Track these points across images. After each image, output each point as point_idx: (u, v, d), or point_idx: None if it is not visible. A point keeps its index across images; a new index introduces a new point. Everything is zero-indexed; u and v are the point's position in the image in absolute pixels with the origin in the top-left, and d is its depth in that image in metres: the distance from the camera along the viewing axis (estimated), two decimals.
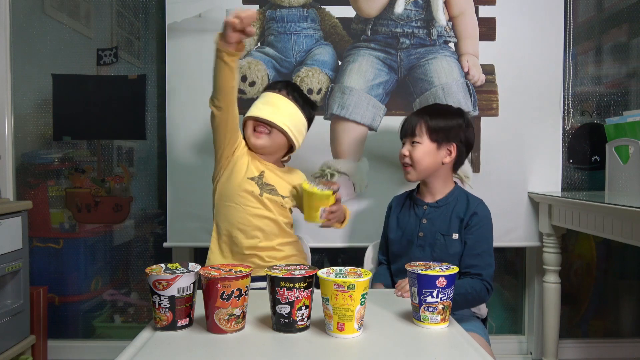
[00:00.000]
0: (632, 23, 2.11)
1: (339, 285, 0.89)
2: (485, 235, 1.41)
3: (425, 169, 1.42)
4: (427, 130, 1.41)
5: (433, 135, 1.41)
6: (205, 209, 1.90)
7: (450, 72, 1.90)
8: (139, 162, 2.14)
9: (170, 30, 1.91)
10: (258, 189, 1.43)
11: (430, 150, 1.41)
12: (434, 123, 1.41)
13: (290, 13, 1.90)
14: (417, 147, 1.41)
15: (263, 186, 1.44)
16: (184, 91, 1.91)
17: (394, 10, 1.90)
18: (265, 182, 1.45)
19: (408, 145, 1.43)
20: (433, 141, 1.41)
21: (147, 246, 2.18)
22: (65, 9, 2.09)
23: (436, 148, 1.41)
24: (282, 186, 1.47)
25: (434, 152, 1.41)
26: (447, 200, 1.45)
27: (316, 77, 1.89)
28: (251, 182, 1.42)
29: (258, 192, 1.43)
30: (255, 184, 1.43)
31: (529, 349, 2.19)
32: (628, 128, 1.84)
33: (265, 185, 1.44)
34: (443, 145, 1.42)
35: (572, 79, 2.04)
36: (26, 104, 2.10)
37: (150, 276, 0.91)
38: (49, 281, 2.10)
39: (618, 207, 1.43)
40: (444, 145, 1.42)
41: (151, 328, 0.95)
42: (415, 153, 1.41)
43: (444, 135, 1.41)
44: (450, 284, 0.96)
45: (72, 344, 2.14)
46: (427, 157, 1.41)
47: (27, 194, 2.11)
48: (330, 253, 2.13)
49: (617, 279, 2.24)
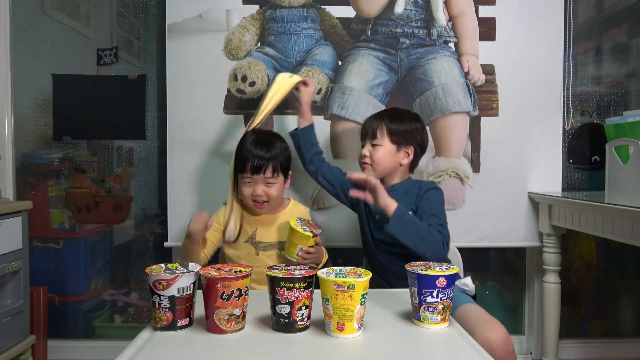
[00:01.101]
0: (632, 23, 2.11)
1: (339, 285, 0.89)
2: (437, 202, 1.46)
3: (384, 169, 1.50)
4: (387, 133, 1.49)
5: (393, 138, 1.49)
6: (206, 209, 1.90)
7: (450, 72, 1.90)
8: (139, 162, 2.14)
9: (170, 30, 1.91)
10: (253, 249, 1.48)
11: (390, 151, 1.50)
12: (395, 126, 1.50)
13: (290, 13, 1.90)
14: (378, 149, 1.49)
15: (257, 245, 1.48)
16: (184, 91, 1.91)
17: (394, 10, 1.90)
18: (259, 240, 1.48)
19: (369, 146, 1.51)
20: (393, 143, 1.49)
21: (147, 246, 2.18)
22: (65, 9, 2.09)
23: (396, 150, 1.50)
24: (279, 234, 1.49)
25: (394, 154, 1.50)
26: (402, 185, 1.52)
27: (316, 77, 1.89)
28: (246, 244, 1.48)
29: (254, 252, 1.48)
30: (250, 245, 1.48)
31: (529, 349, 2.19)
32: (628, 128, 1.83)
33: (258, 244, 1.48)
34: (402, 148, 1.50)
35: (572, 79, 2.04)
36: (26, 104, 2.10)
37: (150, 276, 0.91)
38: (49, 281, 2.10)
39: (618, 207, 1.43)
40: (402, 147, 1.50)
41: (151, 328, 0.95)
42: (375, 154, 1.49)
43: (403, 138, 1.49)
44: (450, 284, 0.96)
45: (72, 344, 2.14)
46: (387, 158, 1.49)
47: (27, 194, 2.11)
48: (330, 253, 2.13)
49: (617, 279, 2.24)
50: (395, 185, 1.52)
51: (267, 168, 1.42)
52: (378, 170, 1.50)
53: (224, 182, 1.87)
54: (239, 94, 1.90)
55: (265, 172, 1.42)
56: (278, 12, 1.90)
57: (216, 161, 1.91)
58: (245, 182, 1.44)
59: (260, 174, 1.42)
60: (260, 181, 1.43)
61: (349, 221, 1.91)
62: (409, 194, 1.48)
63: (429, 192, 1.47)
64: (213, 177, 1.91)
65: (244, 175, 1.43)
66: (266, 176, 1.43)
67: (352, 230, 1.91)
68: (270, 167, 1.42)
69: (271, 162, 1.43)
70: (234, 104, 1.90)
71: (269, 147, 1.44)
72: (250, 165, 1.41)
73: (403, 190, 1.50)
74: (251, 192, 1.44)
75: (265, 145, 1.44)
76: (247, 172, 1.42)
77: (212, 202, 1.89)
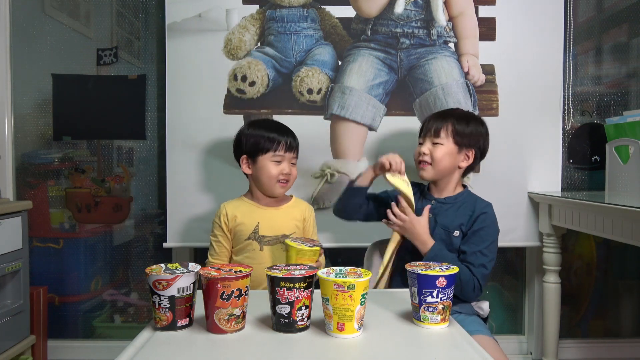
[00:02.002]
0: (632, 23, 2.11)
1: (339, 285, 0.89)
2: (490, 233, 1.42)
3: (442, 169, 1.46)
4: (452, 133, 1.45)
5: (457, 139, 1.45)
6: (205, 209, 1.91)
7: (450, 72, 1.90)
8: (139, 162, 2.14)
9: (170, 30, 1.91)
10: (258, 245, 1.47)
11: (451, 151, 1.45)
12: (461, 127, 1.45)
13: (290, 13, 1.90)
14: (439, 147, 1.45)
15: (260, 240, 1.47)
16: (184, 91, 1.91)
17: (394, 10, 1.90)
18: (262, 235, 1.47)
19: (429, 144, 1.47)
20: (456, 144, 1.45)
21: (147, 246, 2.18)
22: (65, 9, 2.09)
23: (457, 151, 1.46)
24: (282, 226, 1.49)
25: (454, 155, 1.46)
26: (456, 199, 1.48)
27: (316, 77, 1.89)
28: (249, 240, 1.47)
29: (258, 247, 1.47)
30: (254, 240, 1.47)
31: (529, 349, 2.19)
32: (628, 128, 1.83)
33: (262, 239, 1.47)
34: (463, 150, 1.46)
35: (572, 79, 2.04)
36: (26, 104, 2.10)
37: (150, 276, 0.91)
38: (49, 281, 2.10)
39: (618, 207, 1.43)
40: (464, 149, 1.46)
41: (151, 328, 0.95)
42: (436, 152, 1.45)
43: (467, 140, 1.46)
44: (451, 284, 0.96)
45: (72, 344, 2.14)
46: (447, 158, 1.45)
47: (27, 194, 2.11)
48: (331, 253, 2.13)
49: (617, 279, 2.24)
50: (447, 199, 1.48)
51: (297, 147, 1.49)
52: (436, 169, 1.46)
53: (223, 182, 1.89)
54: (239, 94, 1.90)
55: (295, 152, 1.49)
56: (278, 11, 1.90)
57: (216, 161, 1.91)
58: (275, 161, 1.46)
59: (292, 152, 1.47)
60: (288, 160, 1.47)
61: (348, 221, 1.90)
62: (461, 209, 1.45)
63: (485, 218, 1.41)
64: (213, 177, 1.90)
65: (275, 153, 1.45)
66: (294, 155, 1.49)
67: (352, 230, 1.91)
68: (298, 147, 1.50)
69: (297, 142, 1.49)
70: (233, 103, 1.90)
71: (289, 130, 1.50)
72: (284, 144, 1.45)
73: (456, 204, 1.47)
74: (279, 171, 1.45)
75: (285, 128, 1.50)
76: (279, 151, 1.45)
77: (212, 202, 1.90)
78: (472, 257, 1.37)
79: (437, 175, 1.47)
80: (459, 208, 1.45)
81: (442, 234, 1.43)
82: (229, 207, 1.51)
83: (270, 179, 1.46)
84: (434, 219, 1.46)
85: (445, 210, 1.46)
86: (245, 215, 1.49)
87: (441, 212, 1.46)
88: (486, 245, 1.39)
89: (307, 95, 1.89)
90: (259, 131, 1.48)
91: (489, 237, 1.40)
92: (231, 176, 1.85)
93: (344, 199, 1.59)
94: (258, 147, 1.46)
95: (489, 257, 1.38)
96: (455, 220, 1.43)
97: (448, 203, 1.47)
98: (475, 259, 1.37)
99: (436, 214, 1.46)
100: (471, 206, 1.45)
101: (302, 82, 1.88)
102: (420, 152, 1.48)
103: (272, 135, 1.46)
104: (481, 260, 1.37)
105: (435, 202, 1.49)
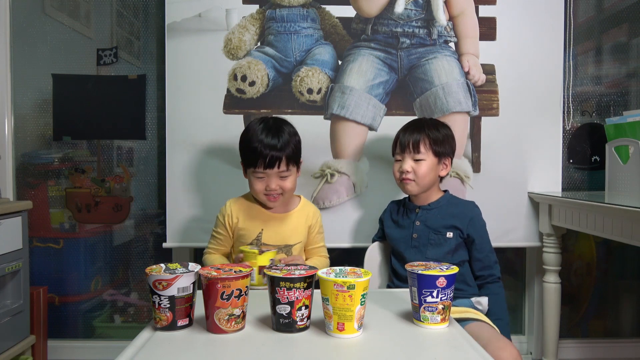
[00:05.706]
0: (632, 23, 2.11)
1: (339, 285, 0.89)
2: (484, 236, 1.52)
3: (427, 183, 1.49)
4: (430, 145, 1.46)
5: (435, 149, 1.47)
6: (205, 209, 1.91)
7: (450, 71, 1.90)
8: (139, 162, 2.14)
9: (170, 30, 1.91)
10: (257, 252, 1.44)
11: (433, 165, 1.48)
12: (434, 136, 1.48)
13: (290, 12, 1.90)
14: (422, 164, 1.46)
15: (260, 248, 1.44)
16: (184, 91, 1.91)
17: (394, 10, 1.90)
18: (264, 242, 1.44)
19: (410, 161, 1.47)
20: (435, 156, 1.48)
21: (147, 246, 2.18)
22: (65, 9, 2.09)
23: (437, 162, 1.49)
24: (286, 237, 1.45)
25: (435, 167, 1.49)
26: (439, 202, 1.52)
27: (316, 77, 1.89)
28: (250, 246, 1.41)
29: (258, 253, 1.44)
30: (255, 246, 1.42)
31: (529, 349, 2.19)
32: (628, 128, 1.83)
33: (263, 246, 1.43)
34: (442, 160, 1.50)
35: (572, 79, 2.04)
36: (26, 104, 2.10)
37: (150, 276, 0.91)
38: (49, 281, 2.10)
39: (618, 207, 1.43)
40: (442, 159, 1.50)
41: (151, 328, 0.95)
42: (420, 169, 1.46)
43: (443, 148, 1.49)
44: (450, 284, 0.96)
45: (72, 344, 2.14)
46: (430, 173, 1.48)
47: (27, 194, 2.11)
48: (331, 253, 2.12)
49: (617, 279, 2.23)
50: (432, 204, 1.52)
51: (281, 161, 1.35)
52: (421, 184, 1.47)
53: (223, 182, 1.89)
54: (239, 94, 1.90)
55: (279, 166, 1.36)
56: (278, 11, 1.90)
57: (216, 161, 1.91)
58: (258, 177, 1.37)
59: (274, 168, 1.35)
60: (274, 175, 1.37)
61: (349, 221, 1.91)
62: (448, 211, 1.50)
63: (477, 220, 1.50)
64: (213, 177, 1.90)
65: (256, 170, 1.36)
66: (280, 170, 1.36)
67: (352, 230, 1.91)
68: (283, 160, 1.35)
69: (284, 154, 1.35)
70: (233, 103, 1.90)
71: (279, 135, 1.36)
72: (262, 160, 1.33)
73: (442, 207, 1.52)
74: (264, 187, 1.37)
75: (275, 134, 1.36)
76: (259, 167, 1.35)
77: (212, 202, 1.89)
78: (486, 260, 1.49)
79: (422, 189, 1.50)
80: (446, 210, 1.51)
81: (435, 237, 1.48)
82: (234, 207, 1.47)
83: (257, 194, 1.41)
84: (424, 225, 1.50)
85: (433, 215, 1.51)
86: (250, 219, 1.46)
87: (429, 217, 1.51)
88: (488, 243, 1.51)
89: (307, 95, 1.89)
90: (246, 140, 1.39)
91: (485, 234, 1.52)
92: (231, 176, 1.85)
93: None
94: (243, 158, 1.41)
95: (492, 249, 1.52)
96: (444, 221, 1.48)
97: (434, 208, 1.52)
98: (489, 260, 1.49)
99: (424, 220, 1.51)
100: (458, 208, 1.51)
101: (302, 82, 1.88)
102: (403, 171, 1.47)
103: (253, 146, 1.34)
104: (492, 257, 1.50)
105: (420, 209, 1.53)
